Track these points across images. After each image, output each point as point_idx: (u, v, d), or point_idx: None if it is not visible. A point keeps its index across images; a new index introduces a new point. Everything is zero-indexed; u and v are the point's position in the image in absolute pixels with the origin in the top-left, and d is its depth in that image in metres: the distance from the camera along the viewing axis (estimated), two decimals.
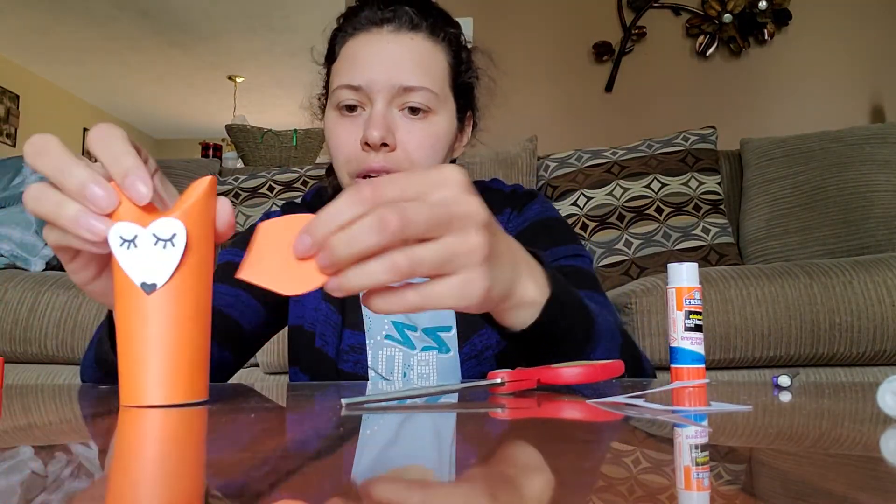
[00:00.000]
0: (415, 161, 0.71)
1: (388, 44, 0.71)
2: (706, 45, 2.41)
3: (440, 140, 0.73)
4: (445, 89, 0.73)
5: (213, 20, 4.82)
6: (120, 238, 0.39)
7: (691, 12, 2.43)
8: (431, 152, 0.72)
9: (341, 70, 0.72)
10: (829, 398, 0.46)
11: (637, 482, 0.20)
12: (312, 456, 0.26)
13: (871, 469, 0.24)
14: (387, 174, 0.66)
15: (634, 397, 0.41)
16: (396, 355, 0.75)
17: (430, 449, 0.28)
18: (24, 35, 5.10)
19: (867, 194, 1.69)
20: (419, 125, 0.71)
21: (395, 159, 0.70)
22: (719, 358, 1.23)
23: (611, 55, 2.43)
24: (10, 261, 1.46)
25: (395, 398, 0.44)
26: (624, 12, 2.45)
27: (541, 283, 0.50)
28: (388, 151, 0.70)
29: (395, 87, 0.69)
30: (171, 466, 0.24)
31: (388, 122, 0.69)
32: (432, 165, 0.71)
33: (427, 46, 0.72)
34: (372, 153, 0.69)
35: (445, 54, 0.74)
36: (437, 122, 0.72)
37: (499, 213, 0.81)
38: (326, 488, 0.20)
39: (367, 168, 0.69)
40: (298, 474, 0.22)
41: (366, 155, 0.70)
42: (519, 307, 0.49)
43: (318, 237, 0.37)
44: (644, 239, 1.73)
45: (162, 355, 0.40)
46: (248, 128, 2.60)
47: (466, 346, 0.74)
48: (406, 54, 0.70)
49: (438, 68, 0.73)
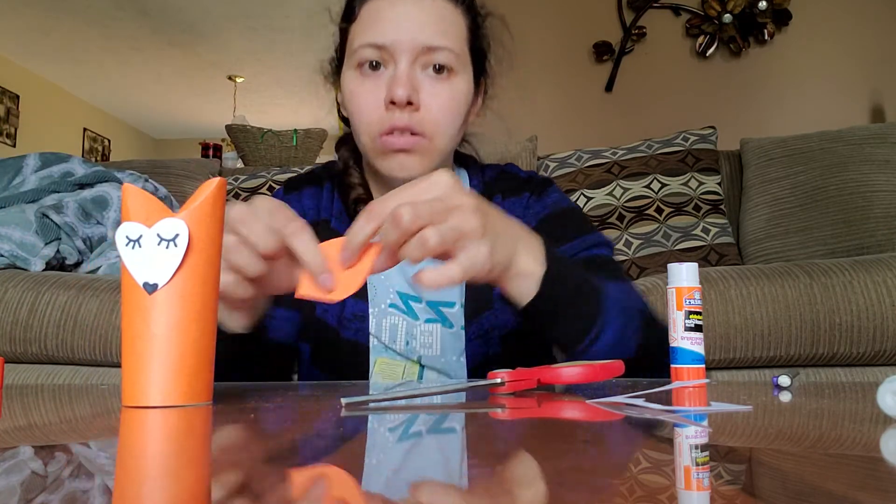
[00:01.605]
0: (438, 122, 0.71)
1: (411, 5, 0.71)
2: (706, 45, 2.41)
3: (461, 102, 0.73)
4: (465, 51, 0.74)
5: (213, 20, 4.82)
6: (126, 238, 0.40)
7: (691, 12, 2.43)
8: (452, 115, 0.72)
9: (364, 29, 0.72)
10: (829, 398, 0.46)
11: (637, 482, 0.20)
12: (312, 456, 0.26)
13: (871, 469, 0.24)
14: (410, 134, 0.71)
15: (634, 397, 0.41)
16: (400, 324, 0.75)
17: (430, 449, 0.28)
18: (24, 35, 5.10)
19: (867, 194, 1.68)
20: (442, 86, 0.71)
21: (419, 120, 0.70)
22: (719, 358, 1.23)
23: (611, 55, 2.43)
24: (10, 261, 1.46)
25: (394, 398, 0.44)
26: (624, 12, 2.45)
27: (538, 258, 0.57)
28: (412, 111, 0.69)
29: (419, 46, 0.69)
30: (170, 466, 0.24)
31: (413, 81, 0.69)
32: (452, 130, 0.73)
33: (448, 8, 0.72)
34: (397, 111, 0.69)
35: (464, 17, 0.75)
36: (458, 83, 0.72)
37: (517, 196, 0.81)
38: (326, 488, 0.20)
39: (391, 126, 0.69)
40: (298, 474, 0.22)
41: (390, 114, 0.69)
42: (519, 277, 0.56)
43: (354, 247, 0.49)
44: (644, 239, 1.73)
45: (163, 356, 0.40)
46: (248, 128, 2.60)
47: (474, 324, 0.74)
48: (429, 15, 0.71)
49: (459, 30, 0.73)
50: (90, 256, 1.61)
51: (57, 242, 1.51)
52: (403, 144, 0.70)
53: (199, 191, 0.42)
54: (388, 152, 0.71)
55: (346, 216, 0.79)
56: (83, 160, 1.84)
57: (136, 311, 0.40)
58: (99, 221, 1.64)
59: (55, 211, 1.54)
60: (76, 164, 1.80)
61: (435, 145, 0.72)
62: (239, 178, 2.04)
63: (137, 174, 1.84)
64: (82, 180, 1.72)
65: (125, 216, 0.40)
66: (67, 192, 1.68)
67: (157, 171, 2.02)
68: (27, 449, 0.27)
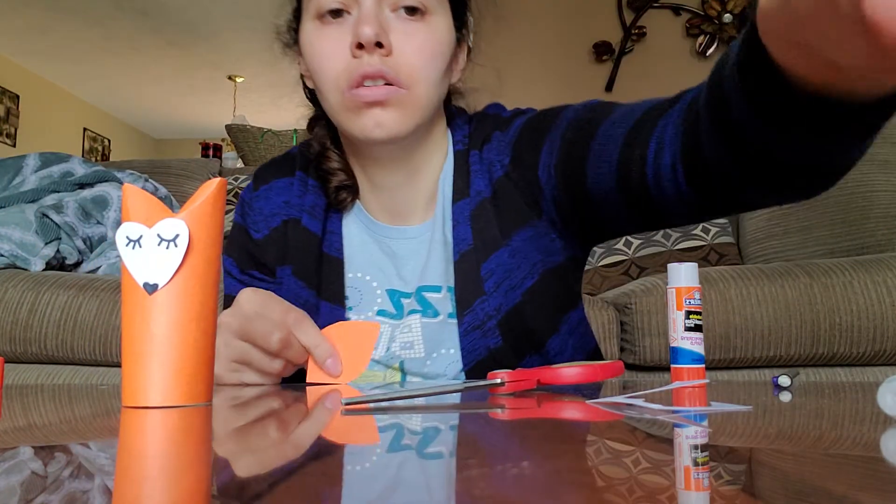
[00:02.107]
0: (415, 67, 0.62)
1: None
2: (706, 45, 2.41)
3: (441, 46, 0.64)
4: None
5: (213, 20, 4.82)
6: (126, 238, 0.40)
7: (691, 12, 2.43)
8: (432, 60, 0.63)
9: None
10: (829, 398, 0.46)
11: (637, 482, 0.20)
12: (312, 456, 0.26)
13: (871, 469, 0.24)
14: (385, 84, 0.60)
15: (634, 397, 0.41)
16: (385, 332, 0.69)
17: (429, 450, 0.28)
18: (24, 35, 5.10)
19: (867, 194, 1.68)
20: (416, 26, 0.62)
21: (393, 64, 0.61)
22: (719, 358, 1.23)
23: (611, 55, 2.43)
24: (10, 261, 1.46)
25: (394, 398, 0.44)
26: (624, 12, 2.45)
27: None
28: (383, 55, 0.60)
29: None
30: (170, 466, 0.24)
31: (382, 22, 0.61)
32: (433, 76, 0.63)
33: None
34: (365, 56, 0.60)
35: None
36: (436, 24, 0.63)
37: (489, 142, 0.71)
38: (326, 489, 0.20)
39: (361, 74, 0.60)
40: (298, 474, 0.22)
41: (358, 61, 0.60)
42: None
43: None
44: (644, 239, 1.73)
45: (163, 356, 0.40)
46: (247, 128, 2.60)
47: (468, 314, 0.65)
48: None
49: None
50: (90, 256, 1.61)
51: (57, 242, 1.51)
52: (377, 96, 0.60)
53: (200, 191, 0.42)
54: (360, 107, 0.61)
55: (320, 210, 0.71)
56: (83, 160, 1.84)
57: (136, 311, 0.40)
58: (99, 221, 1.64)
59: (55, 211, 1.54)
60: (76, 164, 1.81)
61: (414, 96, 0.62)
62: (239, 178, 2.04)
63: (137, 174, 1.84)
64: (82, 180, 1.72)
65: (125, 216, 0.40)
66: (67, 192, 1.68)
67: (157, 171, 2.02)
68: (27, 449, 0.27)
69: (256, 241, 0.74)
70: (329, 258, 0.71)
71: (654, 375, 1.26)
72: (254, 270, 0.74)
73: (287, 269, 0.70)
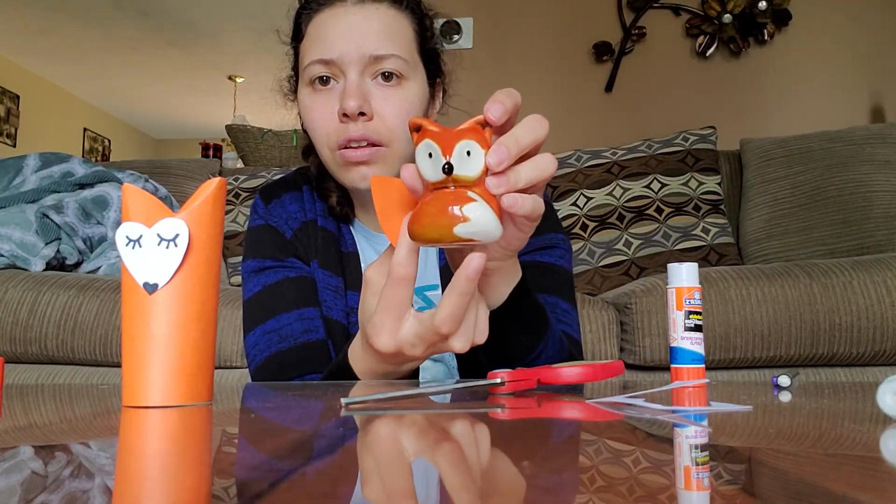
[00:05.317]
0: (392, 128, 0.71)
1: (355, 15, 0.72)
2: (706, 45, 2.41)
3: (415, 105, 0.74)
4: (415, 56, 0.75)
5: (213, 20, 4.81)
6: (126, 238, 0.40)
7: (691, 12, 2.43)
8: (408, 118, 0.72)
9: (311, 47, 0.73)
10: (829, 398, 0.46)
11: (637, 482, 0.20)
12: (312, 456, 0.26)
13: (871, 469, 0.24)
14: (368, 144, 0.71)
15: (634, 397, 0.41)
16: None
17: (429, 450, 0.28)
18: (24, 35, 5.10)
19: (867, 194, 1.68)
20: (393, 92, 0.72)
21: (374, 128, 0.71)
22: (719, 358, 1.23)
23: (611, 55, 2.43)
24: (10, 261, 1.46)
25: (394, 398, 0.44)
26: (624, 12, 2.45)
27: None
28: (365, 121, 0.71)
29: (365, 56, 0.71)
30: (170, 466, 0.24)
31: (364, 92, 0.71)
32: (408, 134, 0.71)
33: (392, 14, 0.73)
34: (350, 123, 0.70)
35: (410, 21, 0.75)
36: (410, 89, 0.73)
37: None
38: (326, 489, 0.20)
39: (346, 138, 0.70)
40: (298, 474, 0.22)
41: (344, 126, 0.71)
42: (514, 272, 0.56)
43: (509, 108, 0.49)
44: (644, 239, 1.73)
45: (163, 356, 0.40)
46: (248, 128, 2.60)
47: None
48: (373, 24, 0.72)
49: (405, 35, 0.74)
50: (90, 256, 1.61)
51: (57, 242, 1.51)
52: (361, 157, 0.71)
53: (200, 191, 0.42)
54: (348, 165, 0.72)
55: (330, 215, 0.81)
56: (83, 160, 1.84)
57: (137, 311, 0.40)
58: (99, 221, 1.64)
59: (55, 211, 1.54)
60: (76, 165, 1.81)
61: (393, 150, 0.72)
62: (239, 178, 2.04)
63: (137, 174, 1.84)
64: (82, 180, 1.72)
65: (125, 216, 0.40)
66: (67, 192, 1.68)
67: (157, 171, 2.02)
68: (27, 449, 0.27)
69: (288, 239, 0.80)
70: (347, 254, 0.79)
71: (654, 375, 1.26)
72: (293, 258, 0.79)
73: (314, 263, 0.78)
